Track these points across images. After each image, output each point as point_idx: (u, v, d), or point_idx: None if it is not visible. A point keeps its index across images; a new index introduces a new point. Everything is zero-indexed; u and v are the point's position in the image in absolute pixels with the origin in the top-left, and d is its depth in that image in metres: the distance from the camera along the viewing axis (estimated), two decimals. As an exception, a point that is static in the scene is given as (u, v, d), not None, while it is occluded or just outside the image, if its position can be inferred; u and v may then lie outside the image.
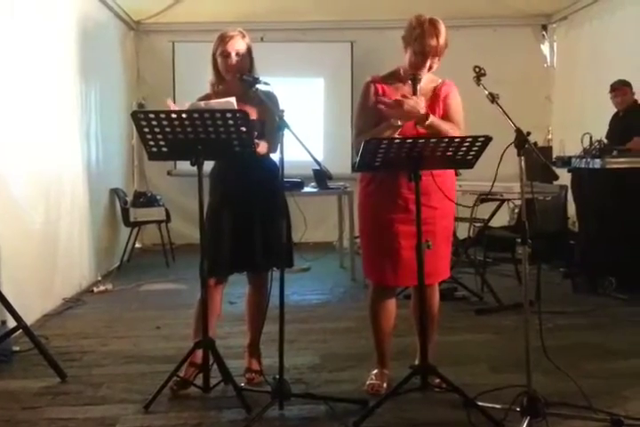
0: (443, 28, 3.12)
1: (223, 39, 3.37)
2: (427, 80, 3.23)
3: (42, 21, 5.00)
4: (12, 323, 3.68)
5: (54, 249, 5.12)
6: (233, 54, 3.36)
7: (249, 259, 3.39)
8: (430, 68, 3.16)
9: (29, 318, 4.09)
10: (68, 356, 3.93)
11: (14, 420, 3.04)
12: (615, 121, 6.05)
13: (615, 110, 6.06)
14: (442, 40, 3.11)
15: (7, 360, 3.79)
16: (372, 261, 3.34)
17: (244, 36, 3.41)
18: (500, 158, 2.85)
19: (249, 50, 3.42)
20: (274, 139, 3.25)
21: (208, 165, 3.25)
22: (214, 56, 3.42)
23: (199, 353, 3.25)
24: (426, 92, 3.22)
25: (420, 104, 3.08)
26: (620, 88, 5.95)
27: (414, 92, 3.11)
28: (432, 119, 3.10)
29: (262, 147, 3.29)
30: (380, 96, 3.21)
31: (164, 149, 3.08)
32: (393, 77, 3.29)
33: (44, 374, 3.57)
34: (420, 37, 3.10)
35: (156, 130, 2.99)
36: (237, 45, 3.37)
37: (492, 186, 3.16)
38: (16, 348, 3.91)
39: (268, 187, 3.37)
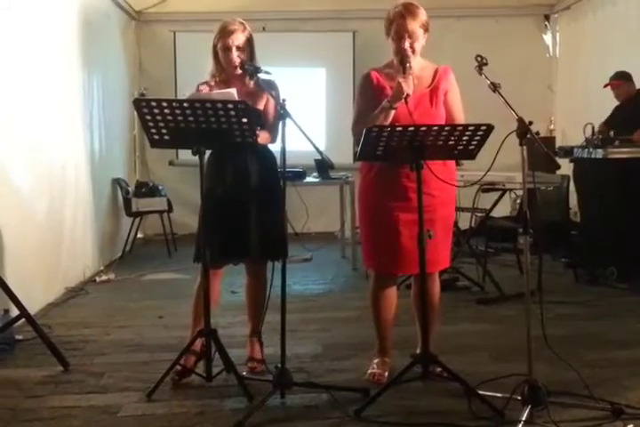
0: (418, 10, 3.15)
1: (224, 33, 3.38)
2: (420, 67, 3.23)
3: (43, 11, 4.98)
4: (15, 312, 3.69)
5: (58, 239, 5.13)
6: (234, 49, 3.37)
7: (243, 249, 3.39)
8: (413, 50, 3.16)
9: (32, 307, 4.10)
10: (70, 345, 3.94)
11: (18, 408, 3.06)
12: (617, 111, 6.01)
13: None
14: (416, 21, 3.12)
15: (10, 349, 3.81)
16: (371, 250, 3.35)
17: (244, 29, 3.42)
18: (500, 146, 2.84)
19: (249, 41, 3.42)
20: (274, 129, 3.25)
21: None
22: (215, 48, 3.42)
23: (198, 341, 3.28)
24: (424, 81, 3.22)
25: (408, 83, 3.06)
26: (612, 82, 5.87)
27: (404, 71, 3.10)
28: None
29: (262, 137, 3.29)
30: (375, 85, 3.24)
31: (166, 137, 3.09)
32: (388, 68, 3.30)
33: (46, 363, 3.58)
34: (394, 20, 3.14)
35: (158, 117, 3.00)
36: (238, 39, 3.37)
37: (486, 173, 3.13)
38: (19, 337, 3.93)
39: (265, 177, 3.38)
